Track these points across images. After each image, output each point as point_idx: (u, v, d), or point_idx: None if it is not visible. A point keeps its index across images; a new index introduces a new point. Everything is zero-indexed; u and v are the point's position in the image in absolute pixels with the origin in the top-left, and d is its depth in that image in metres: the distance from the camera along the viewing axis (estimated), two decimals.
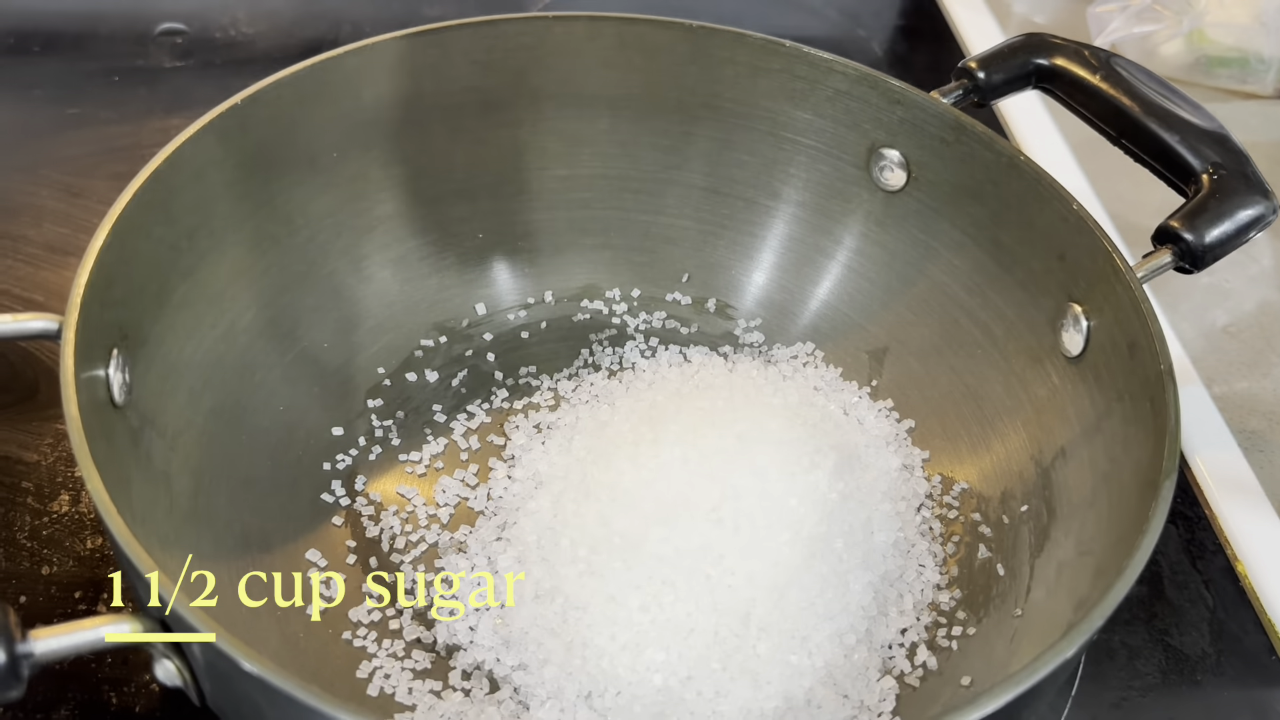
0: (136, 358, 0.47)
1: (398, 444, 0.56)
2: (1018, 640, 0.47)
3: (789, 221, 0.62)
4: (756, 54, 0.59)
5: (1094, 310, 0.50)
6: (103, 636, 0.35)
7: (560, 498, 0.52)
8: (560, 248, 0.63)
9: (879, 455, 0.56)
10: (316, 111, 0.55)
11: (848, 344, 0.61)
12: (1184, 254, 0.51)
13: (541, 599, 0.49)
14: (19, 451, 0.55)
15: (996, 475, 0.54)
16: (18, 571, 0.51)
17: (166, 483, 0.47)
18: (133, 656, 0.48)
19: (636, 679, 0.46)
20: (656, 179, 0.63)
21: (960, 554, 0.53)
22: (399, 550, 0.52)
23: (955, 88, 0.58)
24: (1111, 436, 0.48)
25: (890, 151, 0.58)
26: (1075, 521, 0.48)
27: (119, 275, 0.46)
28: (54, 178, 0.69)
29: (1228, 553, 0.57)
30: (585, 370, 0.61)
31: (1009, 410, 0.54)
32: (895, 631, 0.50)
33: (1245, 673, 0.52)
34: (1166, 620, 0.54)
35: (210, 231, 0.52)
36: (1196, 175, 0.52)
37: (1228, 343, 0.69)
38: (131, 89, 0.76)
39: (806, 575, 0.49)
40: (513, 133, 0.61)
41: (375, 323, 0.59)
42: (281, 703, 0.34)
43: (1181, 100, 0.55)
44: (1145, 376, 0.46)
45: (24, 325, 0.43)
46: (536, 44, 0.59)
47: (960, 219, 0.57)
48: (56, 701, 0.47)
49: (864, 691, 0.48)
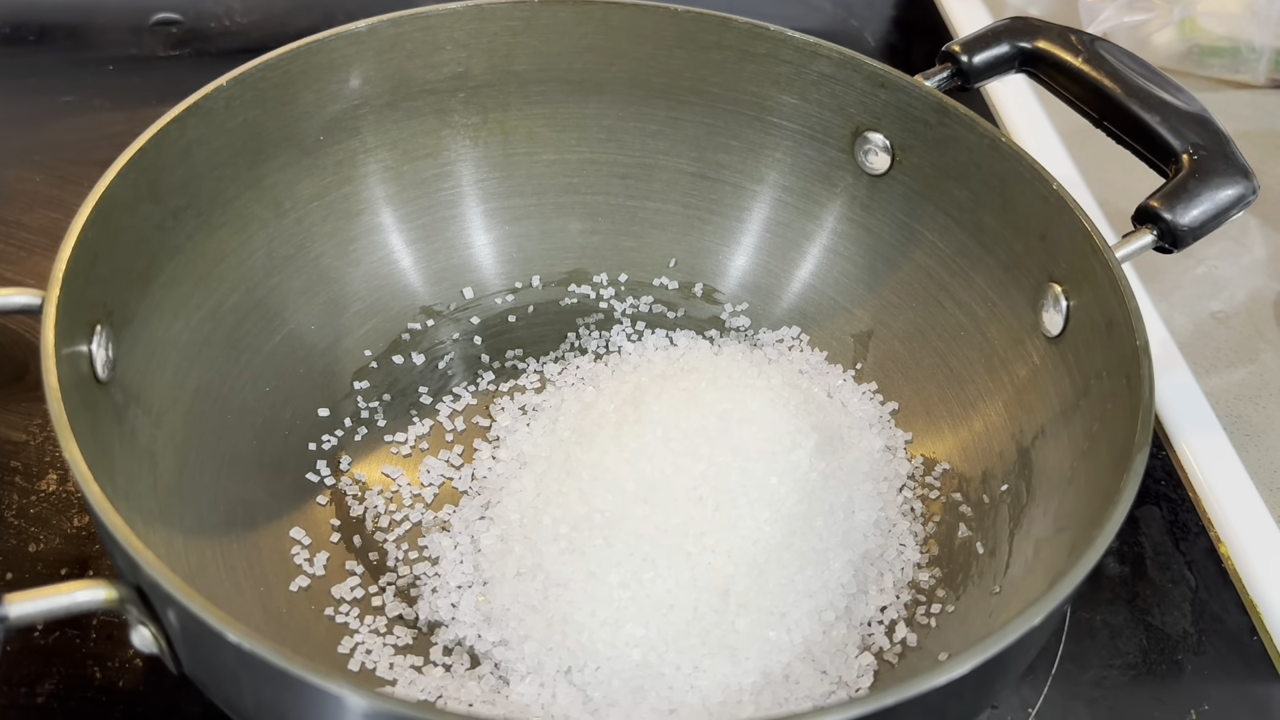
0: (121, 335, 0.47)
1: (383, 425, 0.57)
2: (996, 616, 0.47)
3: (775, 206, 0.62)
4: (742, 38, 0.59)
5: (1074, 290, 0.50)
6: (75, 599, 0.35)
7: (543, 477, 0.53)
8: (548, 232, 0.63)
9: (862, 436, 0.56)
10: (303, 94, 0.56)
11: (833, 327, 0.61)
12: (1164, 234, 0.51)
13: (523, 576, 0.49)
14: (7, 431, 0.56)
15: (978, 455, 0.54)
16: (5, 549, 0.51)
17: (151, 459, 0.48)
18: (116, 632, 0.49)
19: (616, 654, 0.47)
20: (643, 164, 0.63)
21: (941, 533, 0.53)
22: (383, 529, 0.53)
23: (940, 71, 0.58)
24: (1090, 414, 0.48)
25: (874, 135, 0.58)
26: (1054, 499, 0.48)
27: (103, 252, 0.46)
28: (47, 164, 0.70)
29: (1211, 534, 0.57)
30: (571, 354, 0.61)
31: (990, 391, 0.55)
32: (875, 609, 0.50)
33: (1226, 653, 0.52)
34: (1148, 600, 0.54)
35: (197, 211, 0.52)
36: (1177, 155, 0.52)
37: (1217, 329, 0.69)
38: (126, 78, 0.77)
39: (786, 553, 0.49)
40: (500, 117, 0.61)
41: (363, 305, 0.60)
42: (254, 665, 0.34)
43: (1163, 82, 0.55)
44: (1122, 353, 0.46)
45: (7, 300, 0.43)
46: (523, 28, 0.59)
47: (943, 201, 0.57)
48: (41, 676, 0.47)
49: (842, 667, 0.48)
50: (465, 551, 0.51)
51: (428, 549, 0.52)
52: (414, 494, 0.54)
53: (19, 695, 0.47)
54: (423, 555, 0.52)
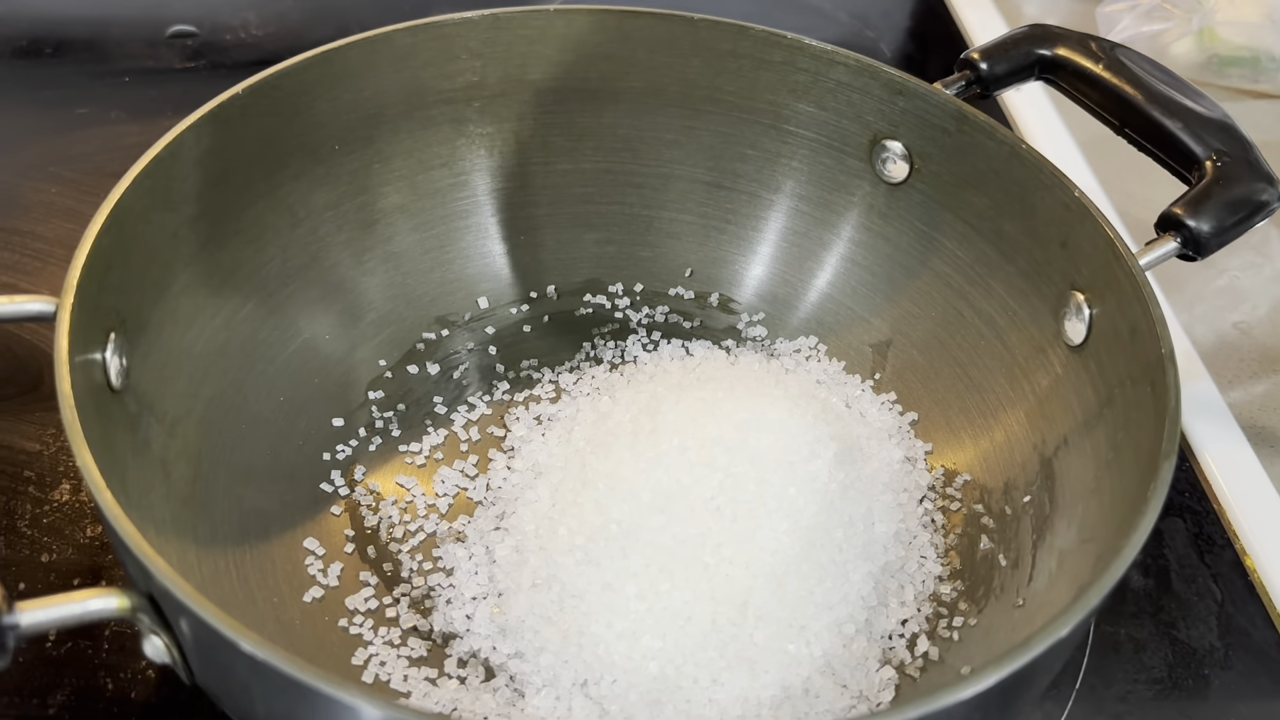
0: (135, 344, 0.47)
1: (398, 435, 0.56)
2: (1020, 629, 0.47)
3: (791, 215, 0.62)
4: (759, 46, 0.59)
5: (1096, 298, 0.50)
6: (87, 608, 0.35)
7: (559, 487, 0.52)
8: (563, 242, 0.63)
9: (881, 447, 0.55)
10: (318, 103, 0.56)
11: (851, 337, 0.60)
12: (1188, 241, 0.50)
13: (539, 587, 0.49)
14: (21, 441, 0.56)
15: (999, 466, 0.53)
16: (17, 558, 0.51)
17: (164, 469, 0.48)
18: (128, 643, 0.48)
19: (633, 667, 0.46)
20: (659, 173, 0.63)
21: (962, 545, 0.52)
22: (397, 539, 0.52)
23: (958, 79, 0.58)
24: (1114, 423, 0.47)
25: (893, 143, 0.58)
26: (1078, 510, 0.48)
27: (118, 260, 0.46)
28: (64, 175, 0.70)
29: (1236, 547, 0.56)
30: (587, 363, 0.60)
31: (1011, 401, 0.54)
32: (896, 622, 0.49)
33: (1254, 667, 0.51)
34: (1173, 614, 0.53)
35: (211, 220, 0.52)
36: (1200, 162, 0.51)
37: (1240, 340, 0.68)
38: (141, 90, 0.77)
39: (805, 564, 0.49)
40: (515, 126, 0.61)
41: (377, 315, 0.59)
42: (267, 675, 0.34)
43: (1185, 89, 0.54)
44: (1146, 361, 0.45)
45: (21, 307, 0.43)
46: (538, 37, 0.59)
47: (963, 209, 0.56)
48: (52, 686, 0.47)
49: (863, 681, 0.47)
50: (480, 562, 0.51)
51: (442, 560, 0.51)
52: (428, 504, 0.54)
53: (30, 706, 0.46)
54: (437, 566, 0.51)
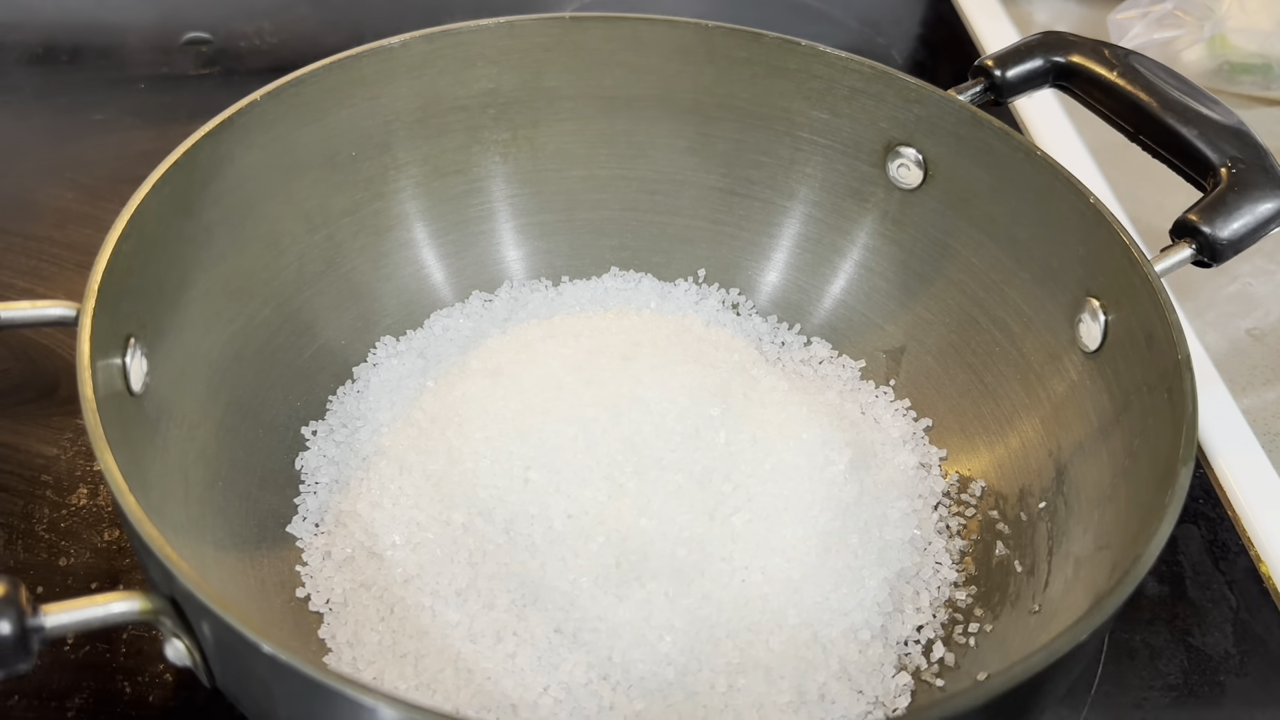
0: (154, 348, 0.47)
1: None
2: (1036, 636, 0.47)
3: (805, 222, 0.62)
4: (773, 53, 0.59)
5: (1111, 304, 0.50)
6: (110, 611, 0.35)
7: (580, 497, 0.52)
8: (577, 248, 0.63)
9: (895, 453, 0.55)
10: (335, 110, 0.56)
11: (865, 344, 0.60)
12: (1203, 247, 0.50)
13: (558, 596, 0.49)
14: (39, 446, 0.56)
15: (1014, 472, 0.53)
16: (35, 562, 0.51)
17: (183, 473, 0.48)
18: (146, 646, 0.48)
19: (649, 672, 0.46)
20: (673, 179, 0.63)
21: (977, 551, 0.52)
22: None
23: (972, 85, 0.58)
24: (1130, 430, 0.47)
25: (907, 149, 0.58)
26: (1093, 516, 0.48)
27: (138, 265, 0.46)
28: (80, 182, 0.70)
29: (1251, 554, 0.56)
30: None
31: (1027, 407, 0.54)
32: (911, 628, 0.49)
33: (1270, 673, 0.51)
34: (1188, 620, 0.53)
35: (229, 226, 0.53)
36: (1215, 169, 0.52)
37: (1253, 346, 0.68)
38: (156, 96, 0.78)
39: (821, 571, 0.49)
40: (530, 133, 0.61)
41: (393, 320, 0.60)
42: (288, 677, 0.34)
43: (1200, 96, 0.54)
44: (1163, 368, 0.45)
45: (44, 311, 0.43)
46: (554, 44, 0.59)
47: (977, 216, 0.56)
48: (71, 690, 0.47)
49: (879, 687, 0.47)
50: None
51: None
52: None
53: (49, 709, 0.46)
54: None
